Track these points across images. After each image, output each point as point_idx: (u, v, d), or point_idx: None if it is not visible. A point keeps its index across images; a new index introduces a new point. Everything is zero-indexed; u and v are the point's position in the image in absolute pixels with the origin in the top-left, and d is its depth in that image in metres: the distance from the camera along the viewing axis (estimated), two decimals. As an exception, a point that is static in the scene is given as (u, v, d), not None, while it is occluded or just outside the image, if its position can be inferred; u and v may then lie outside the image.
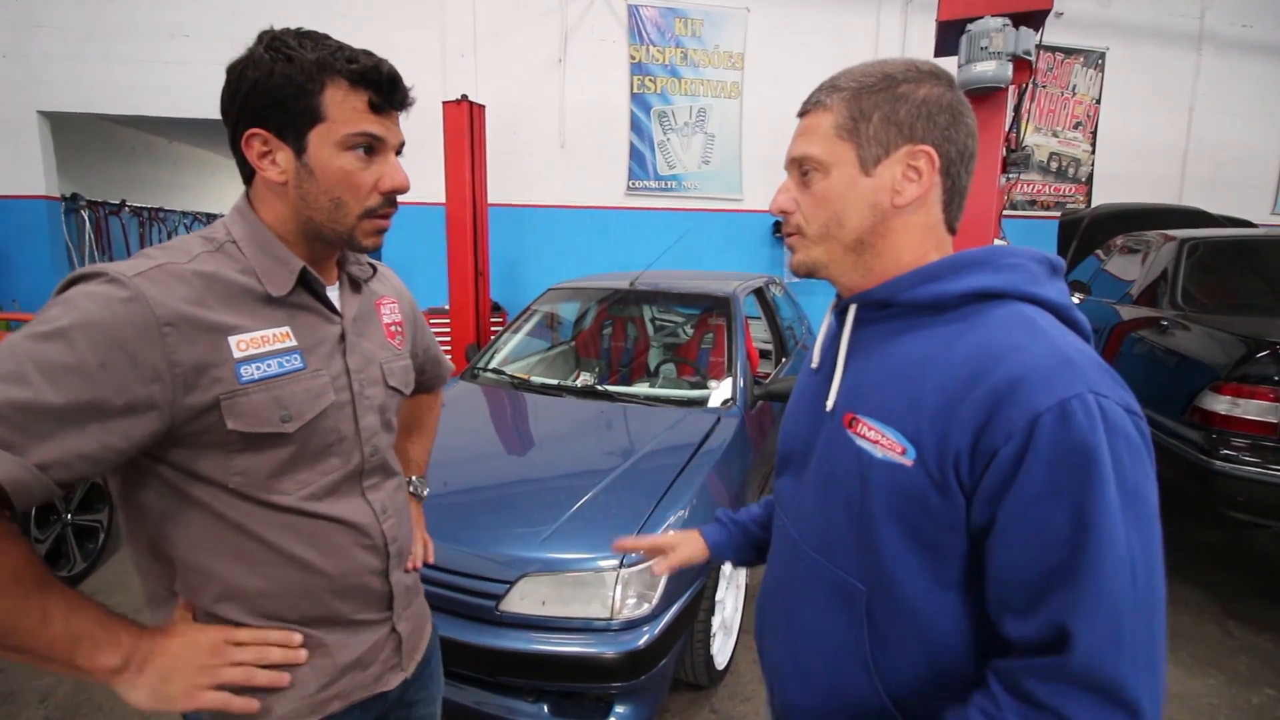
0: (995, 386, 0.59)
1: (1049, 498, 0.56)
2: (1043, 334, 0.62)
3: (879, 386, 0.69)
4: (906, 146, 0.68)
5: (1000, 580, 0.60)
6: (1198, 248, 3.38)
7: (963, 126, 0.70)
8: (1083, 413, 0.56)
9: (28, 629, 0.65)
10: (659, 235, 6.32)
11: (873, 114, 0.68)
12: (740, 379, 2.66)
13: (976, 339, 0.63)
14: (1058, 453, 0.56)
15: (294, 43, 0.73)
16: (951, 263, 0.68)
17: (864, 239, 0.71)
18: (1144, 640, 0.55)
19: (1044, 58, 6.51)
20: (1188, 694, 2.23)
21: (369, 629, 0.88)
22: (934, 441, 0.62)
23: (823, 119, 0.71)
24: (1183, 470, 2.68)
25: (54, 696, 2.15)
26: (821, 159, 0.70)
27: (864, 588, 0.69)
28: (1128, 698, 0.54)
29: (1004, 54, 2.91)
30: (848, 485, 0.69)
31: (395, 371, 0.93)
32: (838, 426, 0.72)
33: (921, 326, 0.68)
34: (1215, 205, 5.93)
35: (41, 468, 0.63)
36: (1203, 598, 2.82)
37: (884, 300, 0.71)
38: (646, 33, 6.39)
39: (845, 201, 0.70)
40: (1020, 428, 0.57)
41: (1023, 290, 0.66)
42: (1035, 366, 0.58)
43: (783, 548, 0.82)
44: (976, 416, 0.59)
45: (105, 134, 7.75)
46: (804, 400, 0.82)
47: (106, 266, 0.69)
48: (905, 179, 0.68)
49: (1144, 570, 0.56)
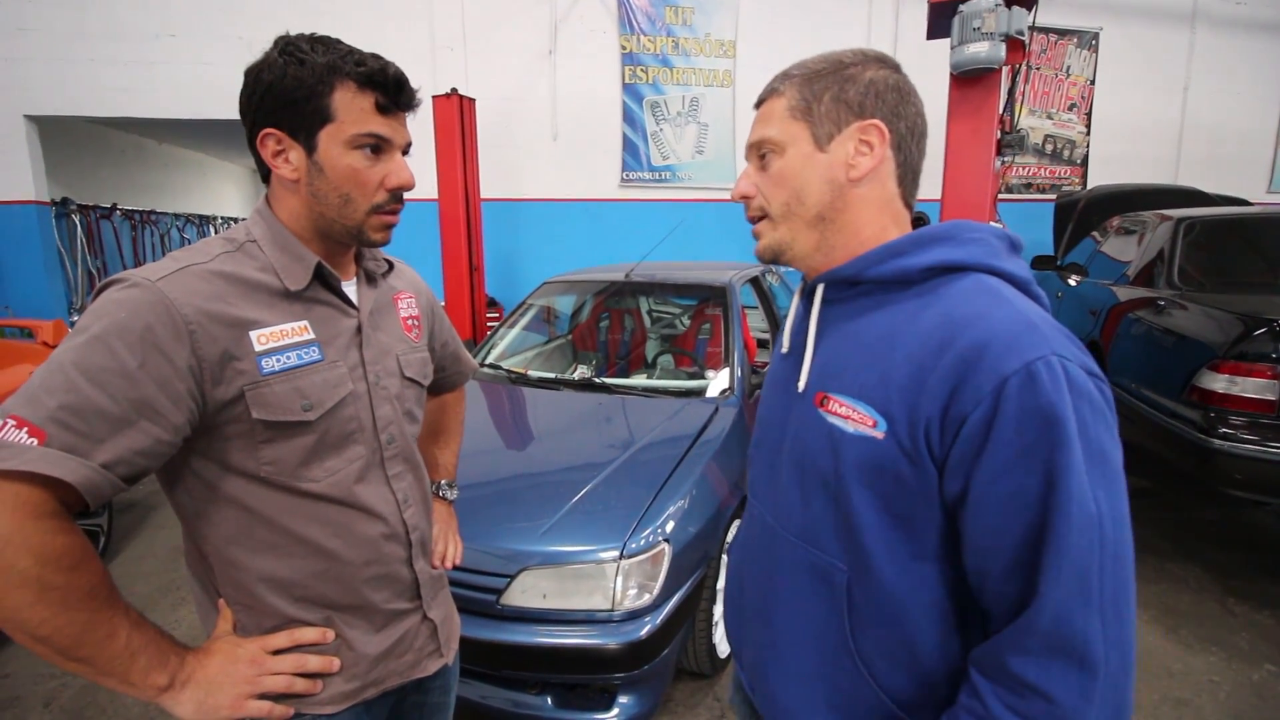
0: (962, 353, 0.60)
1: (1019, 461, 0.57)
2: (1006, 301, 0.63)
3: (848, 363, 0.70)
4: (857, 122, 0.71)
5: (977, 549, 0.61)
6: (1194, 227, 3.37)
7: (910, 105, 0.72)
8: (1047, 374, 0.57)
9: (95, 643, 0.68)
10: (654, 226, 6.29)
11: (823, 95, 0.71)
12: (738, 368, 2.66)
13: (942, 309, 0.65)
14: (1025, 415, 0.57)
15: (306, 47, 0.77)
16: (916, 238, 0.70)
17: (824, 214, 0.73)
18: (1112, 596, 0.57)
19: (1037, 39, 6.48)
20: (1189, 671, 2.24)
21: (401, 618, 0.92)
22: (904, 412, 0.63)
23: (777, 104, 0.74)
24: (1182, 449, 2.68)
25: (59, 700, 2.15)
26: (777, 139, 0.73)
27: (845, 567, 0.69)
28: (1094, 655, 0.56)
29: (997, 35, 2.89)
30: (822, 464, 0.70)
31: (412, 363, 0.96)
32: (809, 407, 0.72)
33: (888, 302, 0.70)
34: (1211, 184, 5.92)
35: (106, 467, 0.67)
36: (1203, 575, 2.83)
37: (851, 278, 0.72)
38: (637, 22, 6.34)
39: (803, 178, 0.72)
40: (988, 392, 0.58)
41: (985, 263, 0.68)
42: (999, 332, 0.60)
43: (759, 537, 0.81)
44: (945, 384, 0.60)
45: (94, 137, 7.69)
46: (776, 385, 0.83)
47: (132, 272, 0.73)
48: (858, 153, 0.71)
49: (1111, 528, 0.57)
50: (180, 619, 2.61)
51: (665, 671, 1.81)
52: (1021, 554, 0.58)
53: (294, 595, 0.82)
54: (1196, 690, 2.16)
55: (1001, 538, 0.59)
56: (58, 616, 0.66)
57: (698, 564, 1.89)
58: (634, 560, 1.70)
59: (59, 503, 0.66)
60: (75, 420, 0.65)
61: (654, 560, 1.73)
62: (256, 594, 0.81)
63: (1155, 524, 3.26)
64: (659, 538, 1.76)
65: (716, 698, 2.13)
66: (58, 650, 0.67)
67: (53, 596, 0.65)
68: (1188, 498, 3.42)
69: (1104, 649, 0.56)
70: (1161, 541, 3.11)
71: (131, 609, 0.73)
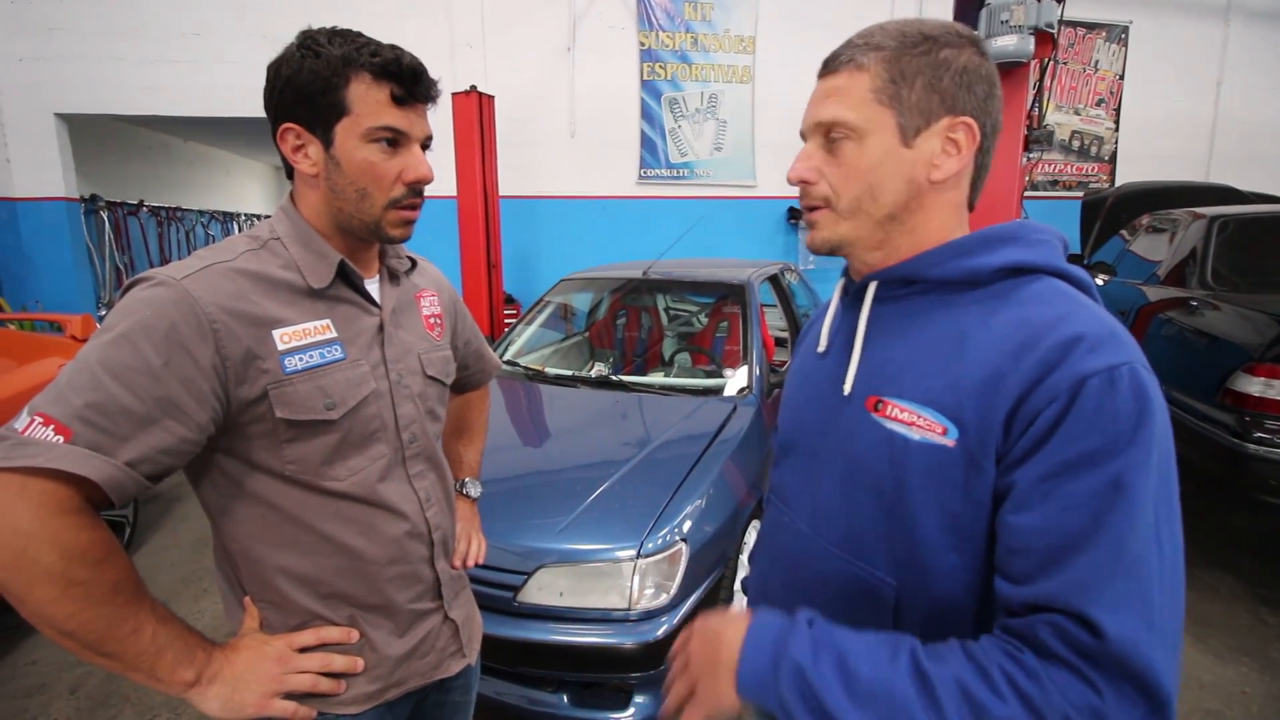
0: (1045, 355, 0.57)
1: (1085, 461, 0.54)
2: (1086, 306, 0.61)
3: (908, 366, 0.65)
4: (948, 118, 0.64)
5: (1016, 545, 0.56)
6: (1228, 225, 3.28)
7: (997, 99, 0.67)
8: (1130, 380, 0.55)
9: (121, 638, 0.69)
10: (672, 224, 6.27)
11: (915, 79, 0.63)
12: (756, 367, 2.63)
13: (1020, 313, 0.61)
14: (1103, 416, 0.54)
15: (324, 40, 0.77)
16: (983, 237, 0.66)
17: (895, 215, 0.67)
18: (1170, 617, 0.53)
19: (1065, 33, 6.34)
20: (1219, 682, 2.18)
21: (423, 619, 0.92)
22: (977, 417, 0.59)
23: (858, 80, 0.65)
24: (1214, 454, 2.61)
25: (84, 688, 2.19)
26: (857, 125, 0.64)
27: (894, 582, 0.65)
28: (1157, 688, 0.51)
29: (1026, 27, 2.83)
30: (876, 472, 0.65)
31: (434, 362, 0.95)
32: (859, 411, 0.68)
33: (951, 304, 0.66)
34: (1245, 182, 5.76)
35: (131, 465, 0.67)
36: (1235, 584, 2.76)
37: (908, 277, 0.68)
38: (656, 18, 6.31)
39: (881, 174, 0.65)
40: (1065, 389, 0.55)
41: (1054, 265, 0.65)
42: (1085, 334, 0.57)
43: (789, 544, 0.77)
44: (1023, 384, 0.57)
45: (122, 135, 7.84)
46: (811, 386, 0.78)
47: (157, 271, 0.74)
48: (945, 153, 0.65)
49: (1170, 546, 0.55)
50: (203, 609, 2.64)
51: (681, 672, 1.80)
52: (1067, 552, 0.53)
53: (319, 592, 0.83)
54: (1228, 702, 2.10)
55: (1047, 536, 0.54)
56: (83, 611, 0.66)
57: (715, 564, 1.87)
58: (651, 560, 1.68)
59: (84, 499, 0.66)
60: (101, 418, 0.66)
61: (671, 560, 1.72)
62: (282, 591, 0.81)
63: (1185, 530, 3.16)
64: (676, 537, 1.74)
65: (733, 699, 2.11)
66: (84, 645, 0.67)
67: (77, 592, 0.65)
68: (1219, 503, 3.34)
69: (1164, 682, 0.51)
70: (1191, 548, 2.98)
71: (159, 604, 0.73)
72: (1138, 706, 0.51)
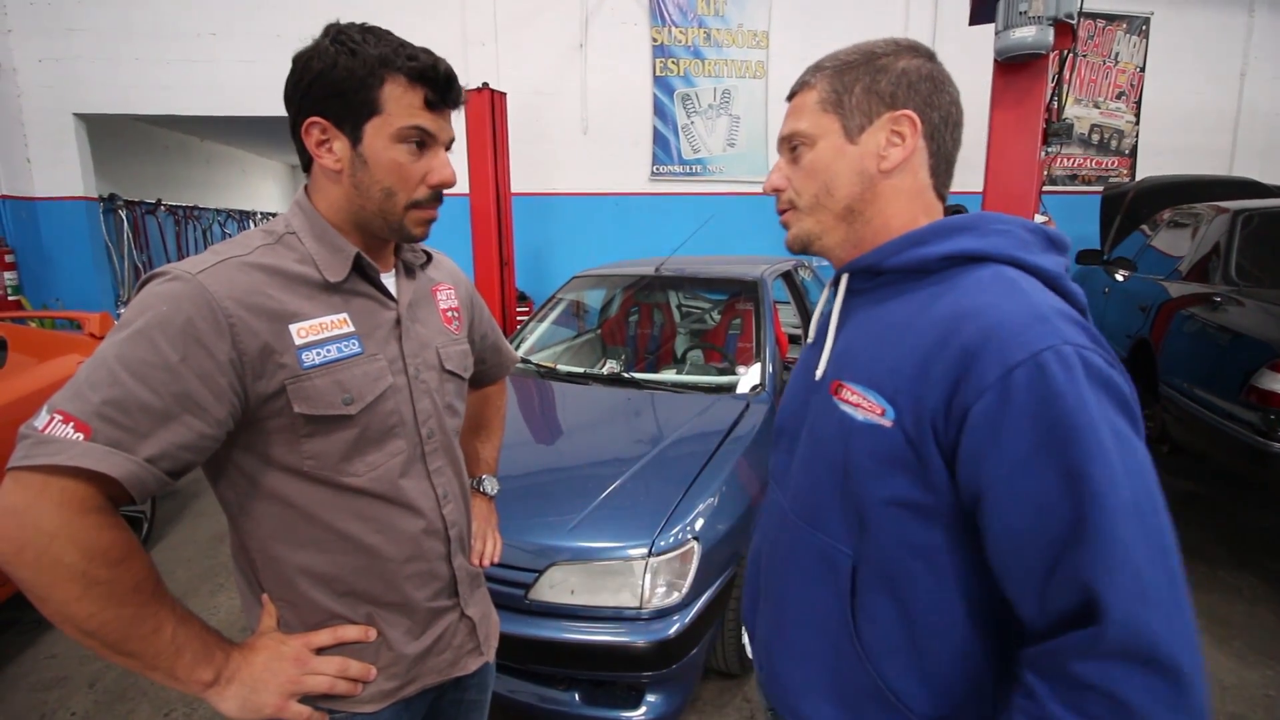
0: (966, 343, 0.58)
1: (1035, 457, 0.54)
2: (1021, 292, 0.61)
3: (863, 352, 0.70)
4: (889, 113, 0.70)
5: (1003, 553, 0.58)
6: (1252, 219, 3.22)
7: (944, 94, 0.71)
8: (1059, 364, 0.55)
9: (141, 637, 0.69)
10: (684, 220, 6.24)
11: (854, 86, 0.71)
12: (769, 364, 2.61)
13: (953, 299, 0.63)
14: (1038, 408, 0.54)
15: (359, 37, 0.76)
16: (936, 228, 0.69)
17: (853, 206, 0.73)
18: (1166, 587, 0.53)
19: (1084, 25, 6.23)
20: (1243, 685, 2.13)
21: (440, 616, 0.91)
22: (910, 401, 0.62)
23: (808, 97, 0.74)
24: (1239, 453, 2.56)
25: (102, 681, 2.22)
26: (808, 132, 0.73)
27: (849, 551, 0.69)
28: (1169, 661, 0.52)
29: (1044, 18, 2.78)
30: (831, 450, 0.70)
31: (452, 356, 0.95)
32: (825, 395, 0.73)
33: (906, 291, 0.69)
34: (1270, 175, 5.63)
35: (150, 461, 0.67)
36: (1259, 585, 2.70)
37: (871, 267, 0.72)
38: (668, 13, 6.28)
39: (833, 170, 0.72)
40: (991, 383, 0.56)
41: (1007, 254, 0.66)
42: (1006, 322, 0.58)
43: (776, 521, 0.82)
44: (948, 375, 0.59)
45: (140, 134, 7.93)
46: (798, 375, 0.84)
47: (173, 266, 0.73)
48: (889, 144, 0.70)
49: (1151, 514, 0.54)
50: (218, 605, 2.67)
51: (693, 670, 1.79)
52: (1055, 558, 0.54)
53: (336, 591, 0.82)
54: (1251, 705, 2.06)
55: (1028, 541, 0.56)
56: (104, 611, 0.66)
57: (727, 562, 1.86)
58: (663, 558, 1.67)
59: (105, 497, 0.66)
60: (119, 415, 0.65)
61: (683, 558, 1.71)
62: (299, 589, 0.81)
63: (1208, 530, 3.12)
64: (688, 535, 1.73)
65: (746, 698, 2.10)
66: (105, 644, 0.67)
67: (98, 591, 0.65)
68: (1243, 503, 3.29)
69: (1175, 651, 0.52)
70: (1215, 548, 2.97)
71: (178, 604, 0.73)
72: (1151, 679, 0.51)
